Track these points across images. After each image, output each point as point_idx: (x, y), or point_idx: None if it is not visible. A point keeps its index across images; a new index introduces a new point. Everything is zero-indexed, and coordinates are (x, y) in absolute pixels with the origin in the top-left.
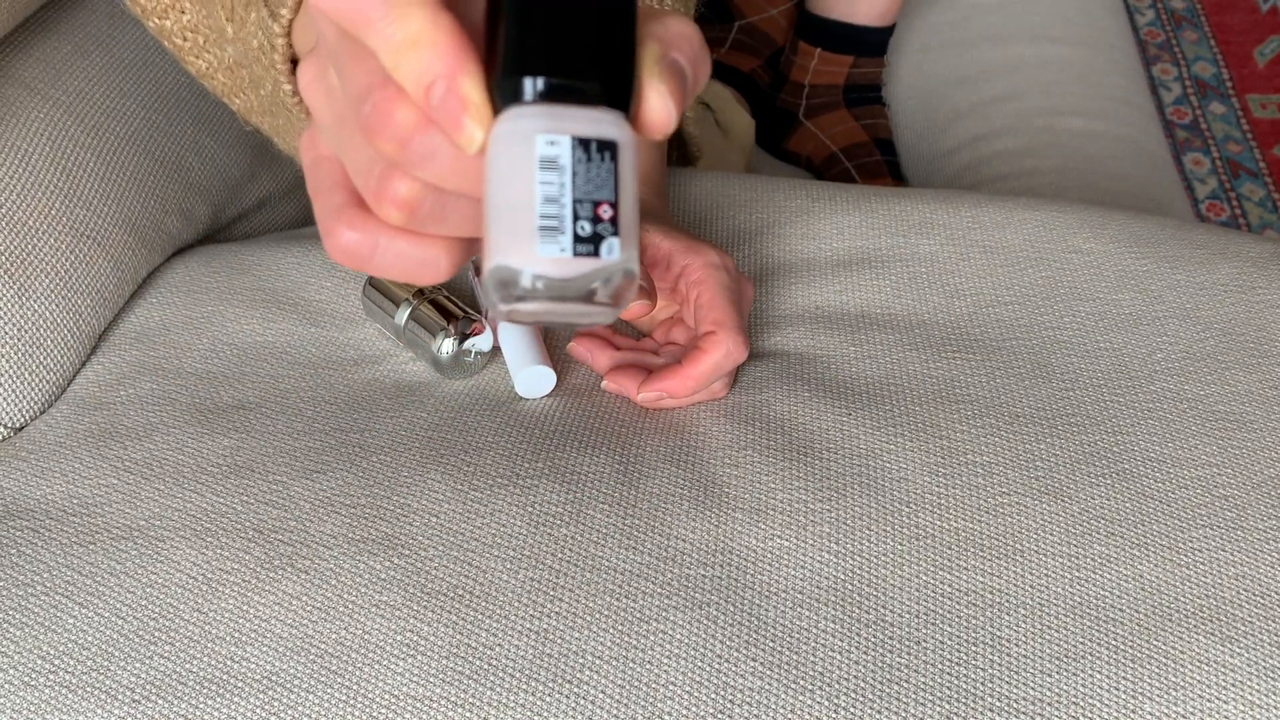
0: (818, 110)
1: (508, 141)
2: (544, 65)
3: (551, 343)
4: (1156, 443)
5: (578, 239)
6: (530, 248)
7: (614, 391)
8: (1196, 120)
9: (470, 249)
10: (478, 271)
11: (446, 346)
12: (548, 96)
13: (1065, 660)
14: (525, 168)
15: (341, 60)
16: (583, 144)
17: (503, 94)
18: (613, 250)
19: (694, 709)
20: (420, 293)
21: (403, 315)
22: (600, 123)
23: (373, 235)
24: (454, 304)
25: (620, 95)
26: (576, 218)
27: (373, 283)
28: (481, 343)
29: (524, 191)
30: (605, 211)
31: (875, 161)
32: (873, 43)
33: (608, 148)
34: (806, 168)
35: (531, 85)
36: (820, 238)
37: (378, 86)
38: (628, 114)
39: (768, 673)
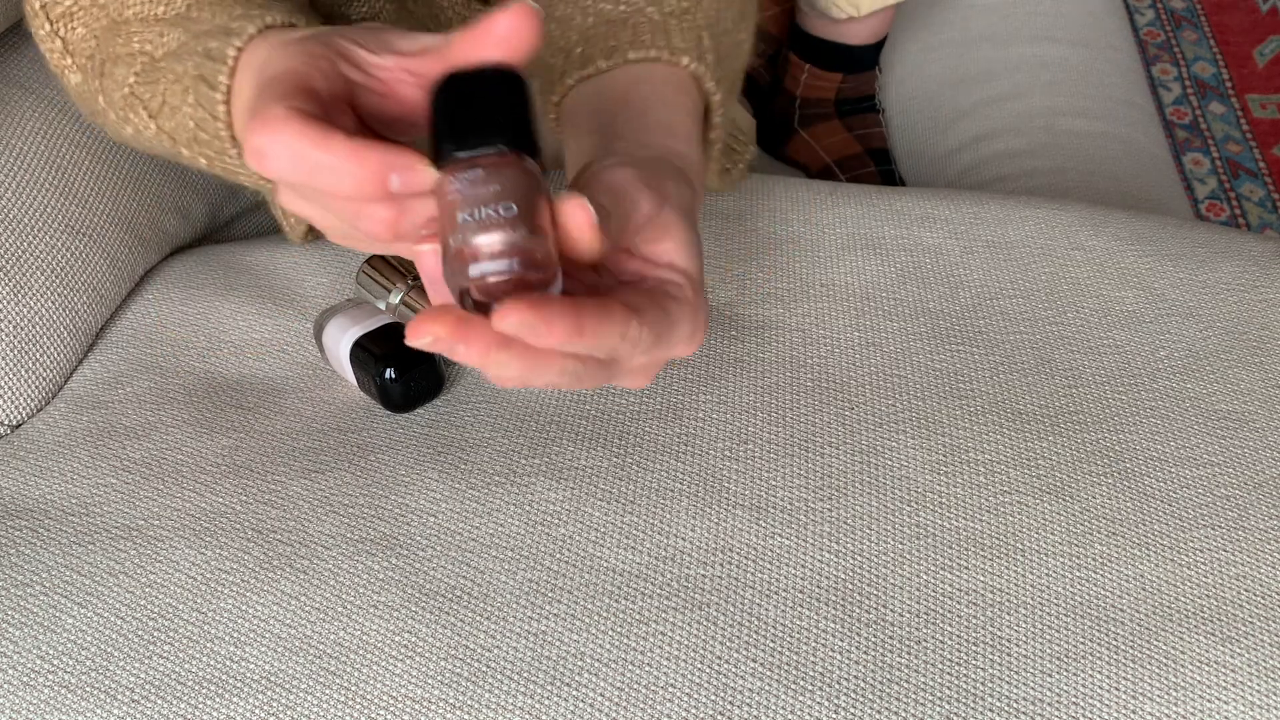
0: (810, 121)
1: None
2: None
3: None
4: (1158, 441)
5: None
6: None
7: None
8: (1196, 120)
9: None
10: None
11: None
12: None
13: (1065, 660)
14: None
15: (318, 198)
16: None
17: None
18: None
19: (694, 710)
20: (417, 275)
21: (396, 296)
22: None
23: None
24: None
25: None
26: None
27: (370, 262)
28: None
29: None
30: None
31: (869, 173)
32: (862, 59)
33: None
34: (804, 175)
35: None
36: (822, 225)
37: (360, 214)
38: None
39: (768, 673)
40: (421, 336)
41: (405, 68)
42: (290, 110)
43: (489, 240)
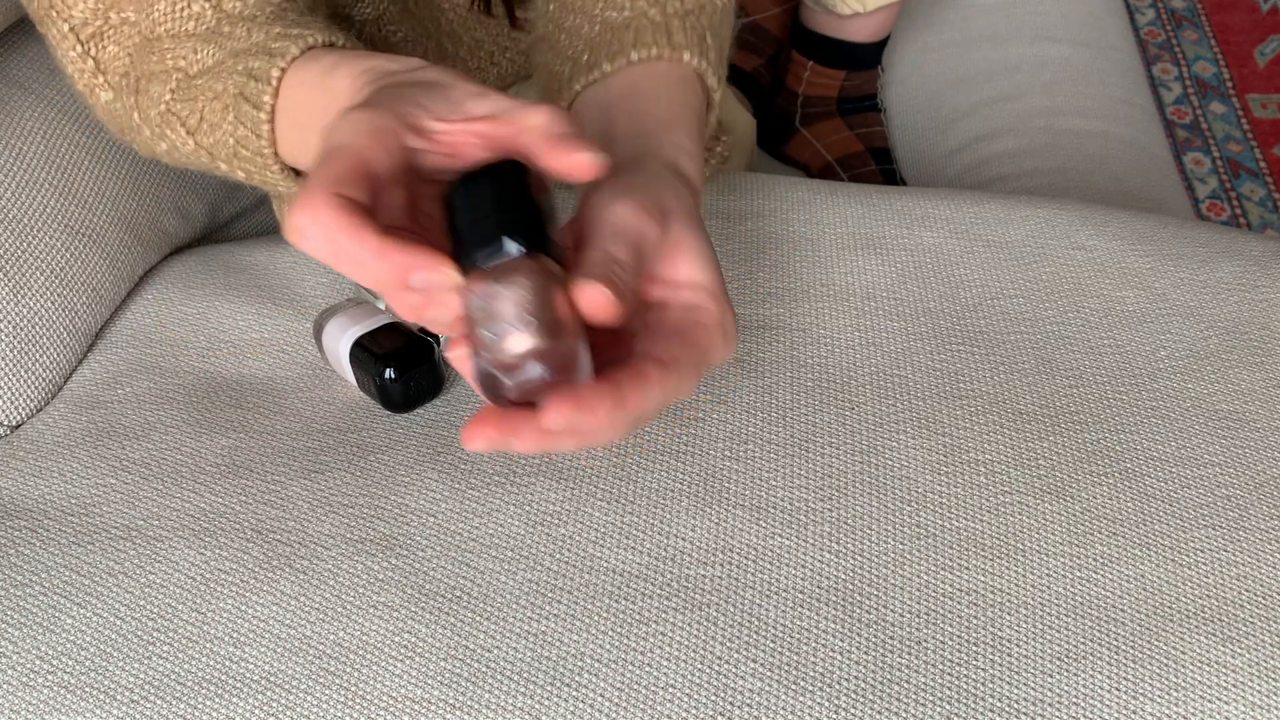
0: (812, 119)
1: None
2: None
3: None
4: (1159, 441)
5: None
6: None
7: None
8: (1197, 120)
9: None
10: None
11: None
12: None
13: (1066, 660)
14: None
15: (355, 273)
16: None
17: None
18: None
19: (694, 710)
20: None
21: None
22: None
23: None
24: None
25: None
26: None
27: None
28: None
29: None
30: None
31: (870, 172)
32: (865, 57)
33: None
34: (805, 174)
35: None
36: (823, 224)
37: (390, 296)
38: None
39: (768, 674)
40: (475, 441)
41: (473, 131)
42: (333, 197)
43: (513, 354)
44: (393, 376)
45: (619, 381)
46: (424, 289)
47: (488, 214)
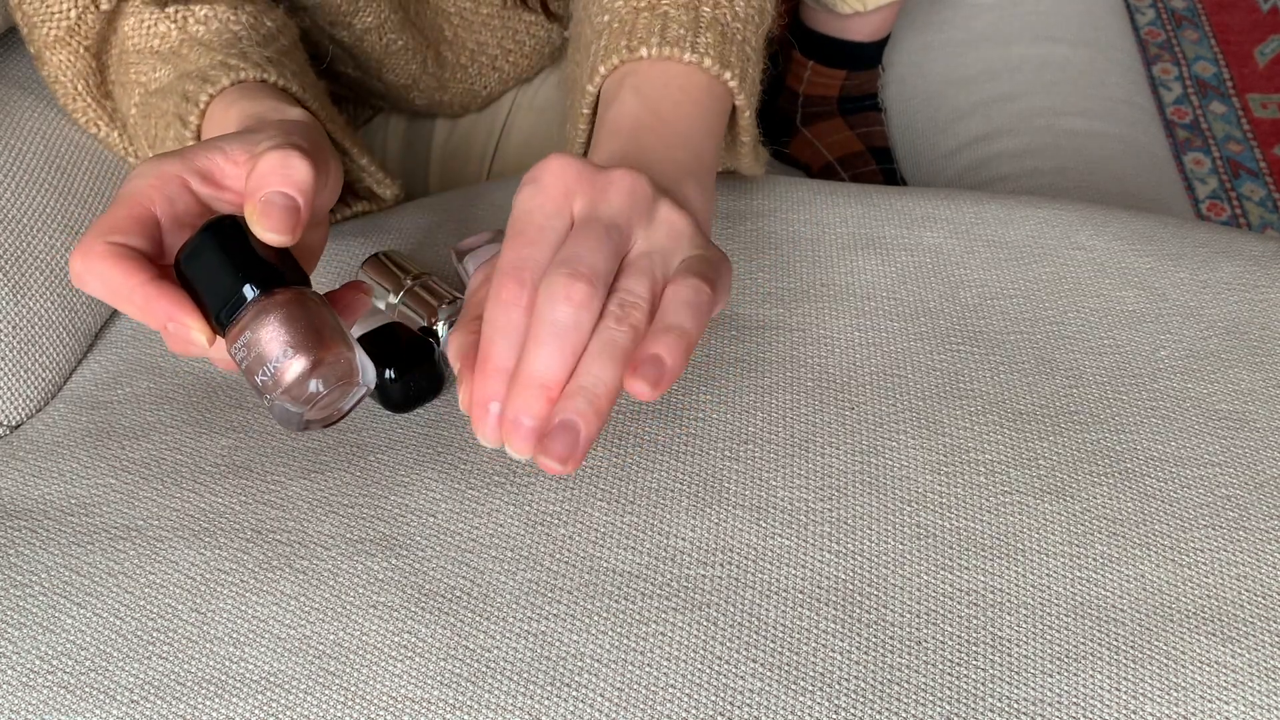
0: (813, 119)
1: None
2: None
3: None
4: (1159, 441)
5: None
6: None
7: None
8: (1197, 120)
9: None
10: (459, 257)
11: (440, 328)
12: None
13: (1066, 660)
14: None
15: (130, 313)
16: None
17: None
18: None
19: (694, 710)
20: (417, 276)
21: (396, 296)
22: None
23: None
24: (443, 287)
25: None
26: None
27: (369, 263)
28: None
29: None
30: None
31: (871, 171)
32: (866, 57)
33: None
34: (805, 174)
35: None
36: (824, 224)
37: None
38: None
39: (768, 673)
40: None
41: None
42: (107, 245)
43: (292, 381)
44: (393, 376)
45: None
46: (177, 336)
47: (216, 273)
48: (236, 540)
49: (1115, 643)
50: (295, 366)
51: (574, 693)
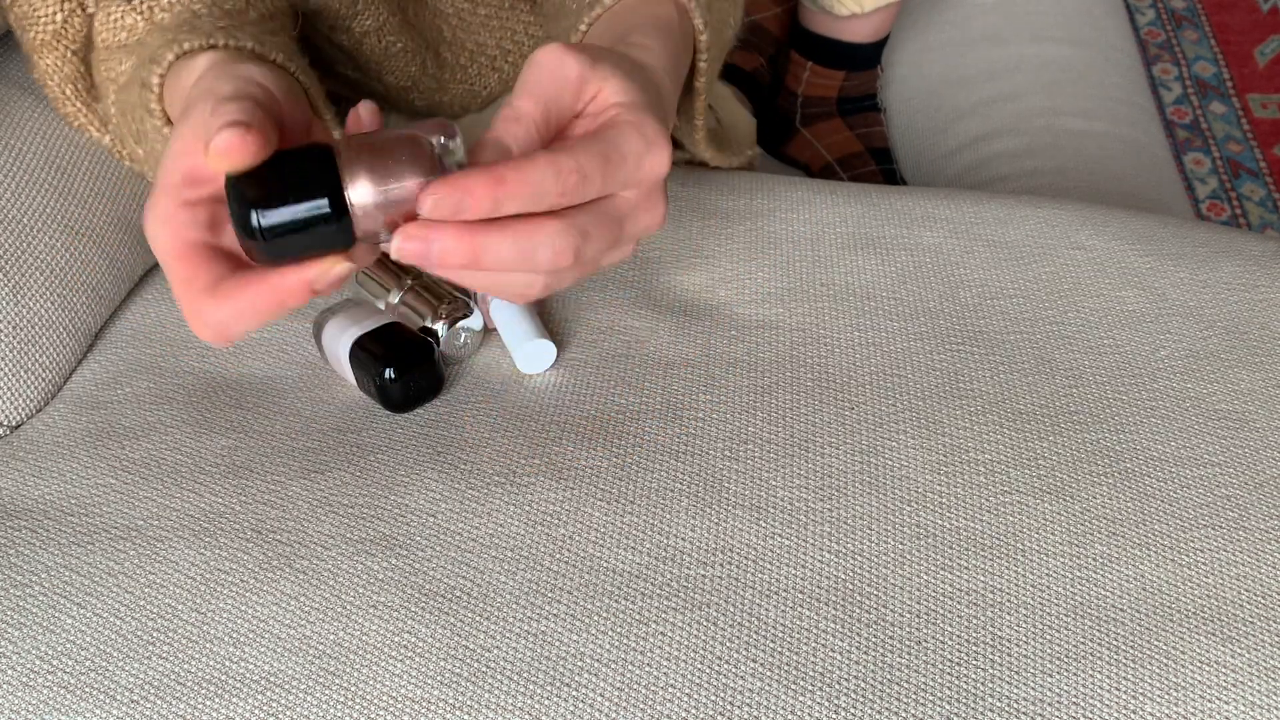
0: (812, 119)
1: None
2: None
3: (547, 315)
4: (1159, 441)
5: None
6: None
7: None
8: (1197, 120)
9: None
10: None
11: (440, 328)
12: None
13: (1065, 660)
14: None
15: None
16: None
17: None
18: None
19: (694, 710)
20: (418, 275)
21: (395, 296)
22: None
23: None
24: (443, 286)
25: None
26: None
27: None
28: (472, 322)
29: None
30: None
31: (870, 172)
32: (865, 58)
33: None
34: (805, 174)
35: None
36: (823, 223)
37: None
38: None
39: (768, 673)
40: (425, 204)
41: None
42: (214, 298)
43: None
44: (393, 376)
45: (496, 164)
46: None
47: (289, 203)
48: (236, 540)
49: (1115, 643)
50: (427, 146)
51: (574, 693)
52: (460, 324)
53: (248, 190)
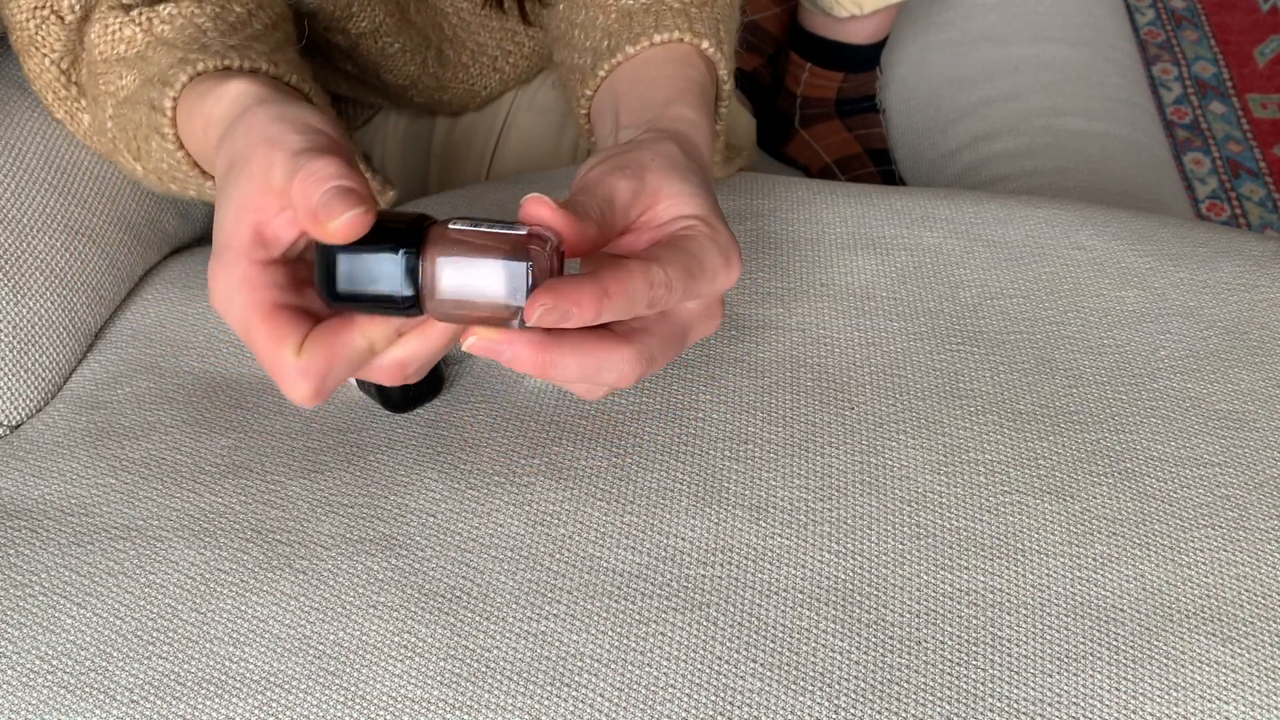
0: (811, 120)
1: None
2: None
3: None
4: (1159, 441)
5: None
6: None
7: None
8: (1197, 120)
9: None
10: None
11: None
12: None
13: (1066, 660)
14: None
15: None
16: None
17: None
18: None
19: (694, 710)
20: None
21: None
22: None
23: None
24: None
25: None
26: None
27: None
28: None
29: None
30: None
31: (869, 173)
32: (863, 59)
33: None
34: (804, 175)
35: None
36: (823, 223)
37: (275, 380)
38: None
39: (768, 673)
40: (535, 310)
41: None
42: (314, 382)
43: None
44: None
45: (597, 273)
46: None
47: (369, 270)
48: (236, 540)
49: (1115, 643)
50: (502, 271)
51: (574, 693)
52: None
53: (336, 261)
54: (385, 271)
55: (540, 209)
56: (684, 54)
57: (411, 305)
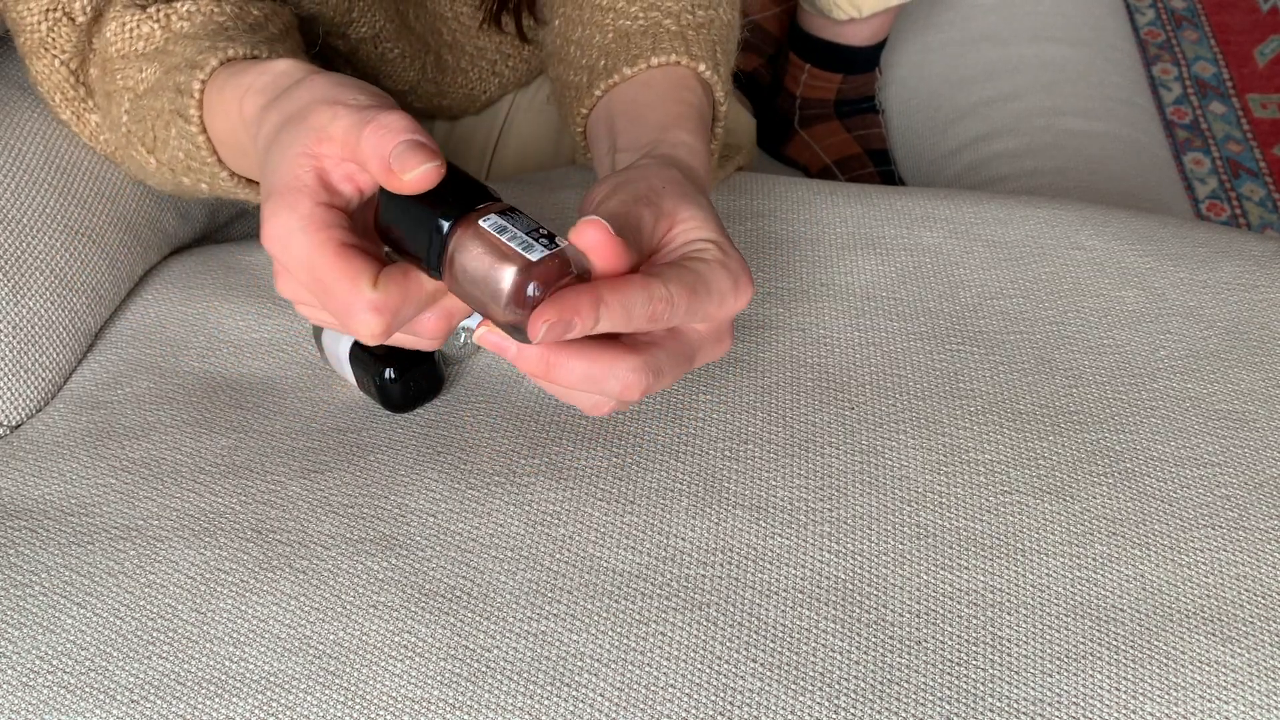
0: (810, 121)
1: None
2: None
3: None
4: (1159, 441)
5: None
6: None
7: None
8: (1197, 120)
9: None
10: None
11: None
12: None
13: (1066, 660)
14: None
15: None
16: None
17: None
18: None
19: (694, 710)
20: None
21: None
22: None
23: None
24: None
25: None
26: None
27: None
28: (472, 322)
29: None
30: None
31: (868, 174)
32: (863, 60)
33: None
34: (804, 175)
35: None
36: (823, 223)
37: (343, 316)
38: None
39: (768, 673)
40: (537, 327)
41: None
42: (379, 321)
43: (511, 298)
44: (393, 376)
45: (596, 283)
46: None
47: (414, 222)
48: (236, 540)
49: (1115, 643)
50: (508, 276)
51: (574, 693)
52: (460, 324)
53: (390, 205)
54: (421, 231)
55: (597, 232)
56: (681, 77)
57: (434, 270)
